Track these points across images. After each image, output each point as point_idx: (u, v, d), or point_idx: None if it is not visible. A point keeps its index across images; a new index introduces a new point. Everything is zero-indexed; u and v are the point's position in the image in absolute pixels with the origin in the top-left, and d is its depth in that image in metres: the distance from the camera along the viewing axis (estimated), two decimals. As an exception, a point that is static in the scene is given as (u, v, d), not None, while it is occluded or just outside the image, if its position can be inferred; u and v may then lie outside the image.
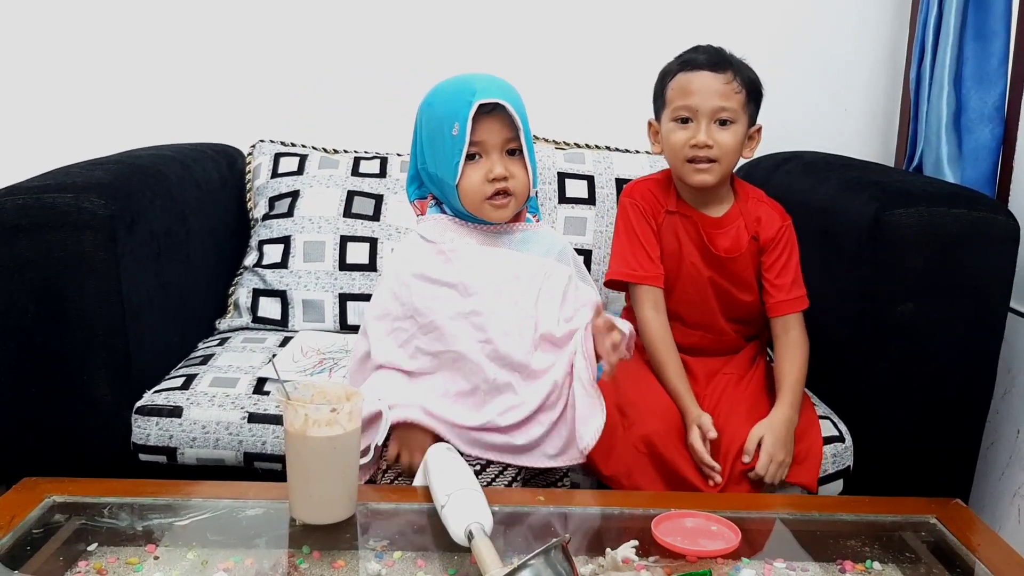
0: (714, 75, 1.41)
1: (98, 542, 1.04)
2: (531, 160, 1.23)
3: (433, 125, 1.22)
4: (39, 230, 1.34)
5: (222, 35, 2.08)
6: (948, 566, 1.06)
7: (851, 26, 2.11)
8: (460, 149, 1.18)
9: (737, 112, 1.42)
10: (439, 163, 1.22)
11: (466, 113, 1.17)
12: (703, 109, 1.41)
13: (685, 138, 1.42)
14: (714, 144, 1.41)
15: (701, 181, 1.43)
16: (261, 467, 1.42)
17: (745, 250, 1.48)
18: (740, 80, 1.42)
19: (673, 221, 1.50)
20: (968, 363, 1.43)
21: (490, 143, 1.20)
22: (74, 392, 1.38)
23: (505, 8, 2.09)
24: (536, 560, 0.84)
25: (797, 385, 1.43)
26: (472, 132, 1.18)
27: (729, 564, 1.03)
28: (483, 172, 1.20)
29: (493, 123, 1.19)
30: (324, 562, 1.01)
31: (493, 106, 1.18)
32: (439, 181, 1.23)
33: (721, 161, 1.42)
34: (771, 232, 1.49)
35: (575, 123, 2.06)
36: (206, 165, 1.84)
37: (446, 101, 1.21)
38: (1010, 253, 1.40)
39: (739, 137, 1.43)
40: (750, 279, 1.50)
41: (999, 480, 1.65)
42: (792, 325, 1.47)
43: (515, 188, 1.22)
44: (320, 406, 1.05)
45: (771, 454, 1.34)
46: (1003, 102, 1.72)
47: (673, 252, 1.49)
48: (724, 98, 1.41)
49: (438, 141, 1.21)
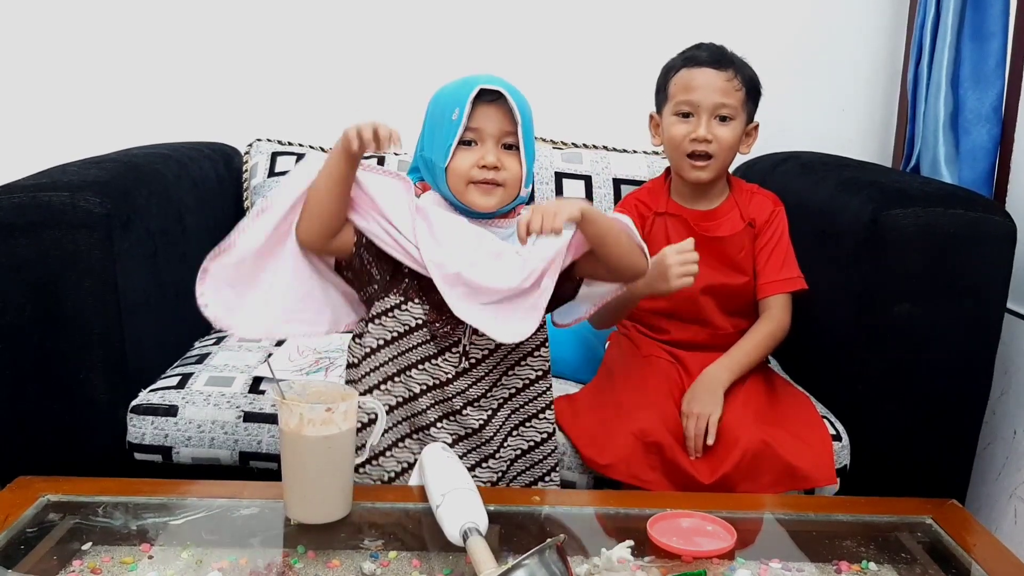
0: (716, 72, 1.45)
1: (92, 541, 1.03)
2: (528, 159, 1.22)
3: (437, 112, 1.23)
4: (35, 229, 1.34)
5: (219, 34, 2.08)
6: (944, 566, 1.06)
7: (849, 27, 2.11)
8: (455, 132, 1.18)
9: (736, 109, 1.46)
10: (435, 147, 1.21)
11: (466, 97, 1.17)
12: (704, 104, 1.45)
13: (685, 132, 1.46)
14: (713, 139, 1.45)
15: (697, 177, 1.48)
16: (256, 466, 1.42)
17: (740, 232, 1.51)
18: (741, 78, 1.46)
19: (663, 222, 1.53)
20: (965, 363, 1.43)
21: (487, 131, 1.19)
22: (70, 391, 1.38)
23: (504, 8, 2.09)
24: (530, 560, 0.84)
25: (742, 350, 1.46)
26: (471, 118, 1.18)
27: (725, 564, 1.03)
28: (475, 158, 1.19)
29: (493, 112, 1.19)
30: (319, 562, 1.01)
31: (495, 96, 1.18)
32: (431, 165, 1.22)
33: (718, 156, 1.46)
34: (764, 216, 1.52)
35: (573, 123, 2.06)
36: (203, 164, 1.84)
37: (452, 91, 1.21)
38: (1007, 253, 1.40)
39: (737, 133, 1.47)
40: (742, 261, 1.51)
41: (996, 480, 1.65)
42: (772, 304, 1.50)
43: (505, 179, 1.20)
44: (315, 405, 1.04)
45: (686, 411, 1.37)
46: (1000, 103, 1.72)
47: None
48: (725, 95, 1.45)
49: (438, 127, 1.21)
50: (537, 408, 1.31)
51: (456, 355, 1.24)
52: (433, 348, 1.24)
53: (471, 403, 1.26)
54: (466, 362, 1.24)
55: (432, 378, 1.24)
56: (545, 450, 1.33)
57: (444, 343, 1.24)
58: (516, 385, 1.29)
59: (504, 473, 1.31)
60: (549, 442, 1.33)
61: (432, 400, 1.25)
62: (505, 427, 1.29)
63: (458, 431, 1.26)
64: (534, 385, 1.30)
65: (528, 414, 1.31)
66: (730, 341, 1.50)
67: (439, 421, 1.25)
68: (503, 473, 1.30)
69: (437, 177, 1.22)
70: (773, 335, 1.48)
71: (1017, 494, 1.59)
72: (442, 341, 1.23)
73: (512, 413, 1.29)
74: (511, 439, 1.31)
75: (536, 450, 1.33)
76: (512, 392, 1.29)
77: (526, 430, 1.31)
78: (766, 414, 1.40)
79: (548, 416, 1.32)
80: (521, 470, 1.32)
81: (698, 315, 1.52)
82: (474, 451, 1.27)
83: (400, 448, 1.26)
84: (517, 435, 1.31)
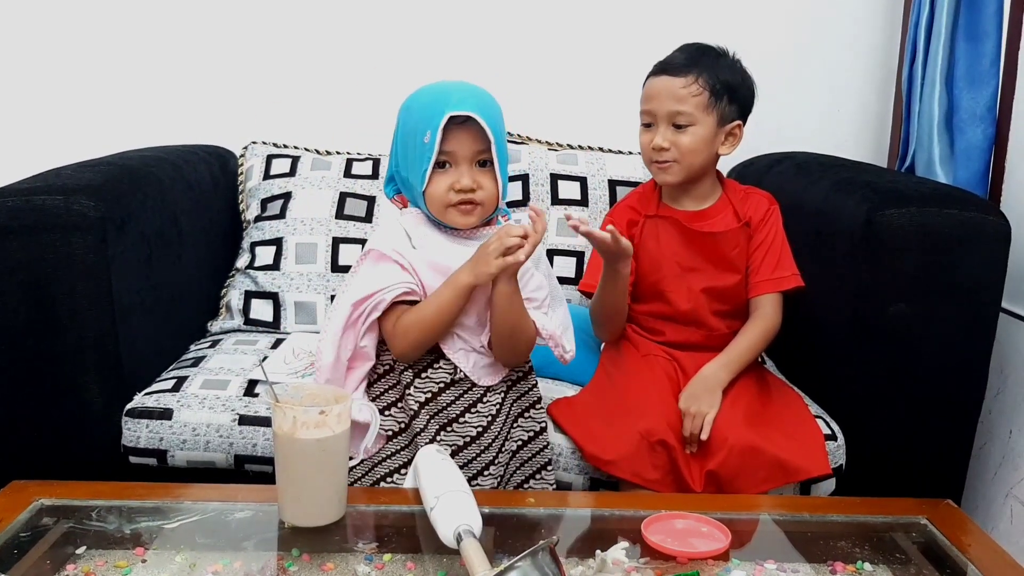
0: (672, 79, 1.46)
1: (86, 545, 1.03)
2: (502, 172, 1.23)
3: (408, 130, 1.24)
4: (29, 232, 1.34)
5: (214, 37, 2.08)
6: (938, 567, 1.06)
7: (843, 27, 2.11)
8: (429, 157, 1.20)
9: (695, 114, 1.46)
10: (411, 168, 1.23)
11: (437, 123, 1.18)
12: (660, 112, 1.47)
13: (647, 140, 1.50)
14: (671, 145, 1.47)
15: (663, 180, 1.51)
16: (252, 469, 1.42)
17: (734, 229, 1.51)
18: (703, 81, 1.45)
19: (654, 225, 1.54)
20: (960, 363, 1.43)
21: (460, 154, 1.21)
22: (64, 394, 1.38)
23: (497, 10, 2.09)
24: (523, 562, 0.84)
25: (737, 349, 1.47)
26: (443, 142, 1.19)
27: (719, 565, 1.03)
28: (450, 181, 1.21)
29: (464, 135, 1.20)
30: (313, 565, 1.01)
31: (465, 118, 1.19)
32: (409, 185, 1.25)
33: (681, 161, 1.47)
34: (760, 215, 1.53)
35: (568, 124, 2.06)
36: (198, 167, 1.84)
37: (421, 108, 1.22)
38: (1001, 253, 1.40)
39: (700, 137, 1.47)
40: (734, 259, 1.51)
41: (992, 480, 1.65)
42: (763, 303, 1.50)
43: (482, 199, 1.23)
44: (309, 408, 1.04)
45: (684, 409, 1.38)
46: (995, 102, 1.72)
47: (654, 256, 1.52)
48: (679, 102, 1.46)
49: (411, 147, 1.22)
50: (527, 403, 1.33)
51: (450, 363, 1.27)
52: (425, 360, 1.26)
53: (468, 409, 1.27)
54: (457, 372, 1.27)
55: (425, 392, 1.26)
56: (537, 446, 1.35)
57: (432, 355, 1.27)
58: (502, 389, 1.31)
59: (500, 477, 1.31)
60: (541, 437, 1.35)
61: (429, 414, 1.27)
62: (503, 430, 1.30)
63: (457, 441, 1.27)
64: (521, 383, 1.33)
65: (520, 409, 1.33)
66: (724, 341, 1.50)
67: (439, 434, 1.27)
68: (500, 478, 1.31)
69: (417, 198, 1.25)
70: (766, 334, 1.49)
71: (1013, 494, 1.59)
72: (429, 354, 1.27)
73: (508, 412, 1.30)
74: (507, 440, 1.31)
75: (528, 446, 1.34)
76: (502, 393, 1.30)
77: (515, 429, 1.33)
78: (757, 414, 1.40)
79: (539, 410, 1.35)
80: (515, 468, 1.33)
81: (694, 317, 1.52)
82: (475, 460, 1.28)
83: (401, 476, 1.28)
84: (508, 434, 1.32)
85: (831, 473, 1.38)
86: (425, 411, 1.26)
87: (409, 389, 1.26)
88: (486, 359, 1.28)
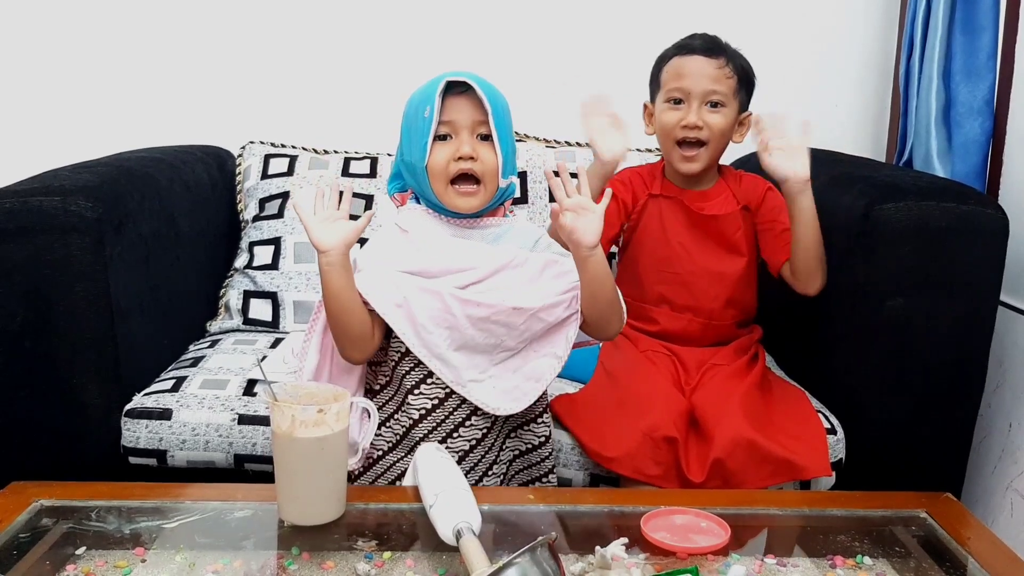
0: (707, 59, 1.47)
1: (86, 546, 1.03)
2: (504, 149, 1.22)
3: (411, 114, 1.24)
4: (27, 233, 1.34)
5: (211, 37, 2.08)
6: (938, 560, 1.06)
7: (840, 21, 2.11)
8: (429, 129, 1.20)
9: (728, 96, 1.47)
10: (413, 148, 1.23)
11: (435, 91, 1.19)
12: (695, 91, 1.47)
13: (677, 118, 1.48)
14: (704, 125, 1.47)
15: (688, 169, 1.50)
16: (252, 468, 1.42)
17: (734, 212, 1.51)
18: (733, 66, 1.48)
19: (657, 204, 1.54)
20: (959, 357, 1.43)
21: (459, 123, 1.21)
22: (63, 395, 1.38)
23: (495, 7, 2.09)
24: (522, 559, 0.84)
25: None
26: (442, 112, 1.20)
27: (719, 560, 1.03)
28: (451, 151, 1.21)
29: (463, 103, 1.21)
30: (313, 563, 1.01)
31: (464, 88, 1.20)
32: (412, 168, 1.24)
33: (709, 143, 1.48)
34: (758, 197, 1.53)
35: (565, 121, 2.06)
36: (195, 167, 1.84)
37: (422, 91, 1.23)
38: (1000, 247, 1.40)
39: (729, 121, 1.48)
40: (738, 241, 1.52)
41: (991, 474, 1.65)
42: None
43: (481, 171, 1.21)
44: (307, 407, 1.04)
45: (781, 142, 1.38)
46: (992, 96, 1.72)
47: (658, 236, 1.52)
48: (716, 81, 1.47)
49: (414, 128, 1.23)
50: (534, 413, 1.31)
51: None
52: (425, 370, 1.23)
53: (471, 415, 1.25)
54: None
55: (428, 400, 1.24)
56: (543, 453, 1.33)
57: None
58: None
59: (503, 475, 1.31)
60: (547, 445, 1.33)
61: (432, 424, 1.25)
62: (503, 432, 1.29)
63: (463, 447, 1.25)
64: None
65: (526, 418, 1.31)
66: (724, 334, 1.50)
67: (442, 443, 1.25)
68: (503, 476, 1.31)
69: (420, 180, 1.23)
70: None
71: (1013, 487, 1.59)
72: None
73: (508, 417, 1.29)
74: (509, 440, 1.30)
75: (534, 452, 1.33)
76: None
77: (524, 432, 1.31)
78: (759, 411, 1.40)
79: (545, 420, 1.33)
80: (519, 469, 1.33)
81: (692, 301, 1.52)
82: (479, 464, 1.27)
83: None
84: (515, 437, 1.31)
85: (831, 475, 1.38)
86: (424, 424, 1.25)
87: (408, 398, 1.25)
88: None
